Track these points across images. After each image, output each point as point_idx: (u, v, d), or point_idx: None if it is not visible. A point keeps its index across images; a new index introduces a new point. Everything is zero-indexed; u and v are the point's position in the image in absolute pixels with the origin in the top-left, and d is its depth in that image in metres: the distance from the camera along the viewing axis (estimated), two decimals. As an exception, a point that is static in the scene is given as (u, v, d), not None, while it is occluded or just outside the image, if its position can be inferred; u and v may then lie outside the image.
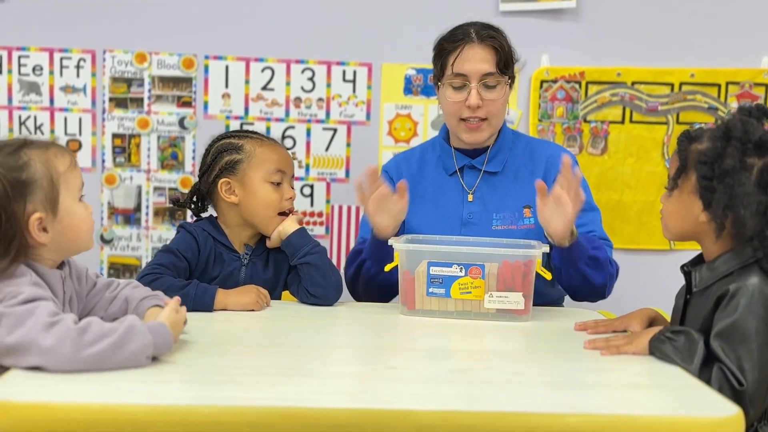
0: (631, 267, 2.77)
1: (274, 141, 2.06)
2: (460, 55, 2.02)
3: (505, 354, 1.55)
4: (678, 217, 1.54)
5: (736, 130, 1.46)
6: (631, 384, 1.34)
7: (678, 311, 1.60)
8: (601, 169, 2.94)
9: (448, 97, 2.05)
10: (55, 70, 2.95)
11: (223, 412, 1.13)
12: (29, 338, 1.23)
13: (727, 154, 1.44)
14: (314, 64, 2.97)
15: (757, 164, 1.44)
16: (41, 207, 1.38)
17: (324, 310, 1.90)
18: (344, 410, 1.15)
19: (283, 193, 2.00)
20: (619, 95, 2.95)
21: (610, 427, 1.15)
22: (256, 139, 2.03)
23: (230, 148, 2.01)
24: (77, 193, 1.45)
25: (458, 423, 1.14)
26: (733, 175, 1.43)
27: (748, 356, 1.36)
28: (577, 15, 2.95)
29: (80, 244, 1.46)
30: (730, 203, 1.43)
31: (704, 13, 2.94)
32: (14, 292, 1.30)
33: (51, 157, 1.41)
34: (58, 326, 1.25)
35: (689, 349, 1.40)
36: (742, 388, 1.34)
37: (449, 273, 1.78)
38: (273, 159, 1.99)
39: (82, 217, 1.45)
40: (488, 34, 2.04)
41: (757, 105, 1.52)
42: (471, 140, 2.08)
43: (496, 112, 2.05)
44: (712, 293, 1.46)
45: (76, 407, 1.13)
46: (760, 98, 2.93)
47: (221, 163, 1.99)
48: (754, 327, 1.38)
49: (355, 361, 1.46)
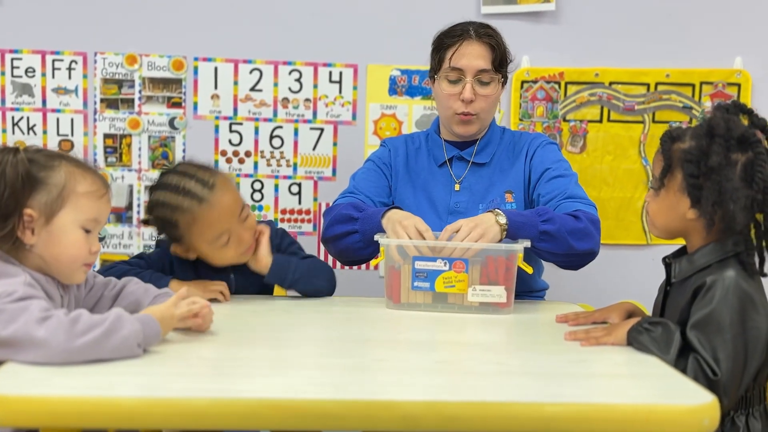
0: (610, 261, 2.79)
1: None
2: (458, 50, 2.05)
3: (488, 345, 1.55)
4: (666, 216, 1.54)
5: (719, 127, 1.46)
6: (610, 373, 1.34)
7: (658, 302, 1.61)
8: (580, 166, 2.95)
9: (443, 89, 2.08)
10: (47, 72, 2.93)
11: (212, 404, 1.13)
12: (23, 332, 1.24)
13: (713, 152, 1.44)
14: (301, 66, 2.97)
15: (741, 159, 1.45)
16: (38, 208, 1.38)
17: (312, 304, 1.90)
18: (332, 401, 1.15)
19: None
20: (597, 95, 2.96)
21: (590, 415, 1.15)
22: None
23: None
24: (84, 220, 1.42)
25: (442, 413, 1.14)
26: (719, 171, 1.44)
27: (722, 347, 1.37)
28: (557, 18, 2.96)
29: (61, 266, 1.42)
30: (718, 199, 1.43)
31: (679, 16, 2.95)
32: (9, 290, 1.30)
33: (78, 176, 1.41)
34: (50, 320, 1.25)
35: (666, 339, 1.40)
36: (717, 378, 1.34)
37: (434, 267, 1.78)
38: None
39: (73, 242, 1.41)
40: (486, 32, 2.08)
41: (734, 102, 1.53)
42: (462, 132, 2.11)
43: (487, 107, 2.08)
44: (690, 285, 1.47)
45: (70, 400, 1.12)
46: (733, 97, 2.95)
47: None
48: (728, 318, 1.38)
49: (342, 353, 1.46)
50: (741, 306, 1.39)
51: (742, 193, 1.42)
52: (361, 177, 2.17)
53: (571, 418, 1.14)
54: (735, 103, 1.53)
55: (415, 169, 2.18)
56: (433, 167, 2.17)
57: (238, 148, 2.99)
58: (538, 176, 2.07)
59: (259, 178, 3.00)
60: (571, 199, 1.98)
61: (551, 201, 1.99)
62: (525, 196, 2.09)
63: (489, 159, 2.13)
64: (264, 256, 1.92)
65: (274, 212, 3.01)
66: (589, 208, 1.96)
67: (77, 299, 1.51)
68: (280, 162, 3.00)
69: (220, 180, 1.85)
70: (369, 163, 2.22)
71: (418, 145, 2.22)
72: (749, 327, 1.39)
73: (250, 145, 2.99)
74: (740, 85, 2.94)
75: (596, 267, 2.71)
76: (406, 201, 2.13)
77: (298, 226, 3.02)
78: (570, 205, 1.95)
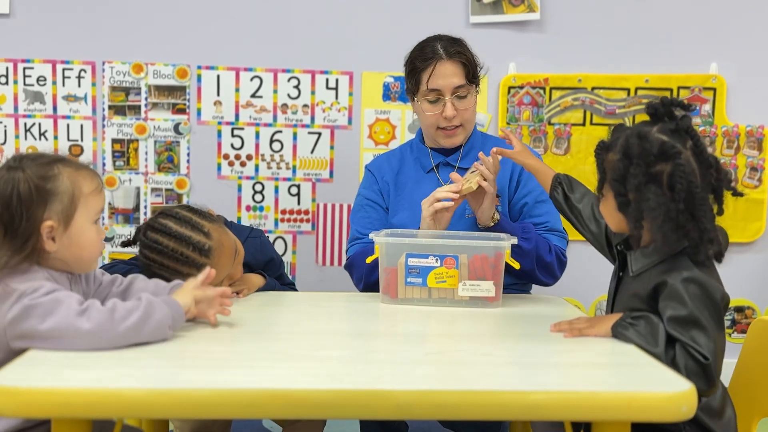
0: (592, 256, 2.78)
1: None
2: (433, 72, 2.04)
3: (477, 337, 1.55)
4: (613, 219, 1.52)
5: (633, 148, 1.42)
6: (593, 363, 1.34)
7: (612, 288, 1.60)
8: (564, 167, 2.95)
9: (425, 110, 2.08)
10: (57, 81, 2.93)
11: (215, 395, 1.13)
12: (65, 324, 1.26)
13: (630, 174, 1.41)
14: (299, 73, 2.97)
15: (666, 169, 1.40)
16: (56, 217, 1.37)
17: (310, 299, 1.90)
18: (329, 391, 1.15)
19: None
20: (581, 99, 2.97)
21: (574, 402, 1.15)
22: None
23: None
24: (94, 216, 1.44)
25: (433, 401, 1.14)
26: (639, 191, 1.40)
27: (702, 333, 1.36)
28: (541, 26, 2.96)
29: (83, 263, 1.45)
30: (640, 217, 1.41)
31: (657, 24, 2.96)
32: (35, 286, 1.31)
33: (79, 178, 1.41)
34: (89, 311, 1.29)
35: (651, 332, 1.39)
36: (708, 361, 1.33)
37: (426, 264, 1.78)
38: None
39: (91, 239, 1.43)
40: (455, 51, 2.05)
41: (663, 99, 1.46)
42: (448, 144, 2.12)
43: (469, 117, 2.10)
44: (648, 279, 1.45)
45: (80, 391, 1.12)
46: (709, 101, 2.96)
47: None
48: (704, 315, 1.37)
49: (339, 345, 1.46)
50: (711, 301, 1.39)
51: (663, 209, 1.38)
52: (359, 220, 2.15)
53: (556, 405, 1.14)
54: (664, 100, 1.46)
55: (402, 180, 2.18)
56: (420, 174, 2.16)
57: (239, 152, 2.99)
58: (525, 193, 2.11)
59: (260, 180, 3.00)
60: (551, 233, 2.08)
61: (536, 227, 2.06)
62: (506, 201, 2.11)
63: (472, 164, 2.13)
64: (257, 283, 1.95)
65: (275, 212, 3.01)
66: (561, 242, 2.09)
67: (86, 295, 1.51)
68: (280, 165, 3.00)
69: (216, 241, 1.74)
70: (360, 199, 2.19)
71: (400, 156, 2.22)
72: (717, 310, 1.40)
73: (252, 148, 2.99)
74: (716, 89, 2.95)
75: (580, 262, 2.72)
76: (398, 211, 2.13)
77: (297, 225, 3.02)
78: (550, 238, 2.06)
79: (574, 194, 1.79)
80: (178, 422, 1.96)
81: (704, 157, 1.43)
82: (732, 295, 1.51)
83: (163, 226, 1.73)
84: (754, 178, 3.00)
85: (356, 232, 2.14)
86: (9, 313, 1.28)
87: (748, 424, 1.57)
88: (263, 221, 3.01)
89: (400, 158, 2.22)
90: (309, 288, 2.91)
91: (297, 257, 3.04)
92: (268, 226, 3.01)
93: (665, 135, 1.42)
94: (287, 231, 3.03)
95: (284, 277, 2.10)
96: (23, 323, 1.28)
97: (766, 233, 3.02)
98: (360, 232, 2.12)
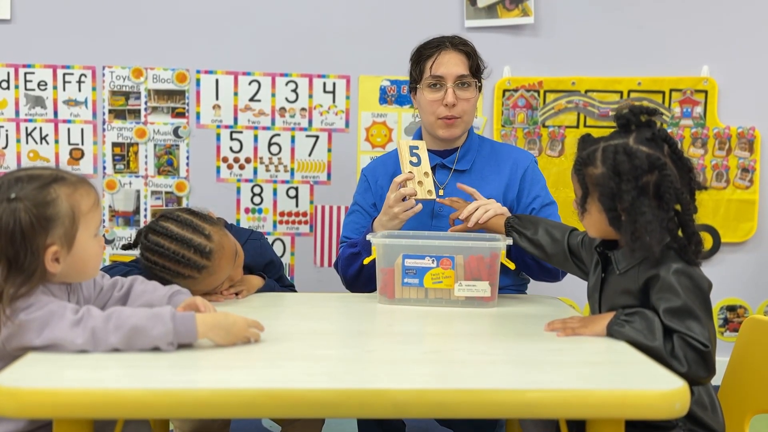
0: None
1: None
2: (437, 59, 2.07)
3: (473, 337, 1.55)
4: (597, 228, 1.52)
5: (623, 165, 1.42)
6: (587, 361, 1.34)
7: (597, 287, 1.60)
8: (558, 169, 2.95)
9: (426, 97, 2.09)
10: (58, 85, 2.92)
11: (214, 394, 1.12)
12: (61, 337, 1.26)
13: (623, 191, 1.42)
14: (297, 77, 2.97)
15: (652, 180, 1.42)
16: (59, 241, 1.34)
17: (309, 300, 1.90)
18: (327, 390, 1.15)
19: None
20: (574, 102, 2.97)
21: (568, 400, 1.15)
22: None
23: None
24: (94, 230, 1.41)
25: (430, 400, 1.14)
26: (633, 206, 1.41)
27: (695, 322, 1.37)
28: (536, 30, 2.97)
29: (86, 275, 1.44)
30: (636, 231, 1.41)
31: (650, 28, 2.97)
32: (30, 301, 1.30)
33: (77, 196, 1.37)
34: (84, 321, 1.27)
35: (648, 327, 1.40)
36: (707, 348, 1.35)
37: (422, 264, 1.78)
38: None
39: (93, 254, 1.41)
40: (461, 42, 2.11)
41: (632, 109, 1.48)
42: (446, 135, 2.10)
43: (468, 110, 2.10)
44: (635, 274, 1.46)
45: (81, 392, 1.12)
46: (701, 103, 2.96)
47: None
48: (696, 305, 1.39)
49: (337, 345, 1.45)
50: (700, 290, 1.41)
51: (658, 220, 1.40)
52: (348, 224, 2.18)
53: (551, 403, 1.14)
54: (633, 109, 1.48)
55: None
56: None
57: (238, 155, 2.99)
58: (532, 199, 2.11)
59: (259, 183, 3.00)
60: None
61: None
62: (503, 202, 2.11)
63: (470, 166, 2.14)
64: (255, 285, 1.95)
65: (273, 214, 3.01)
66: None
67: (87, 301, 1.49)
68: (278, 167, 3.00)
69: (216, 243, 1.74)
70: (352, 203, 2.22)
71: (396, 158, 2.22)
72: (706, 299, 1.42)
73: (250, 152, 2.99)
74: (707, 91, 2.96)
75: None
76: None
77: (295, 227, 3.02)
78: None
79: (528, 230, 1.83)
80: (178, 422, 1.96)
81: (683, 162, 1.46)
82: (724, 294, 1.52)
83: (164, 228, 1.73)
84: (745, 179, 3.00)
85: (343, 235, 2.19)
86: (4, 329, 1.28)
87: (741, 421, 1.58)
88: (262, 223, 3.01)
89: (395, 161, 2.22)
90: (307, 289, 2.91)
91: (295, 258, 3.04)
92: (266, 228, 3.01)
93: (646, 147, 1.44)
94: (285, 233, 3.03)
95: (284, 278, 2.10)
96: (20, 339, 1.27)
97: (757, 233, 3.03)
98: (345, 235, 2.16)
